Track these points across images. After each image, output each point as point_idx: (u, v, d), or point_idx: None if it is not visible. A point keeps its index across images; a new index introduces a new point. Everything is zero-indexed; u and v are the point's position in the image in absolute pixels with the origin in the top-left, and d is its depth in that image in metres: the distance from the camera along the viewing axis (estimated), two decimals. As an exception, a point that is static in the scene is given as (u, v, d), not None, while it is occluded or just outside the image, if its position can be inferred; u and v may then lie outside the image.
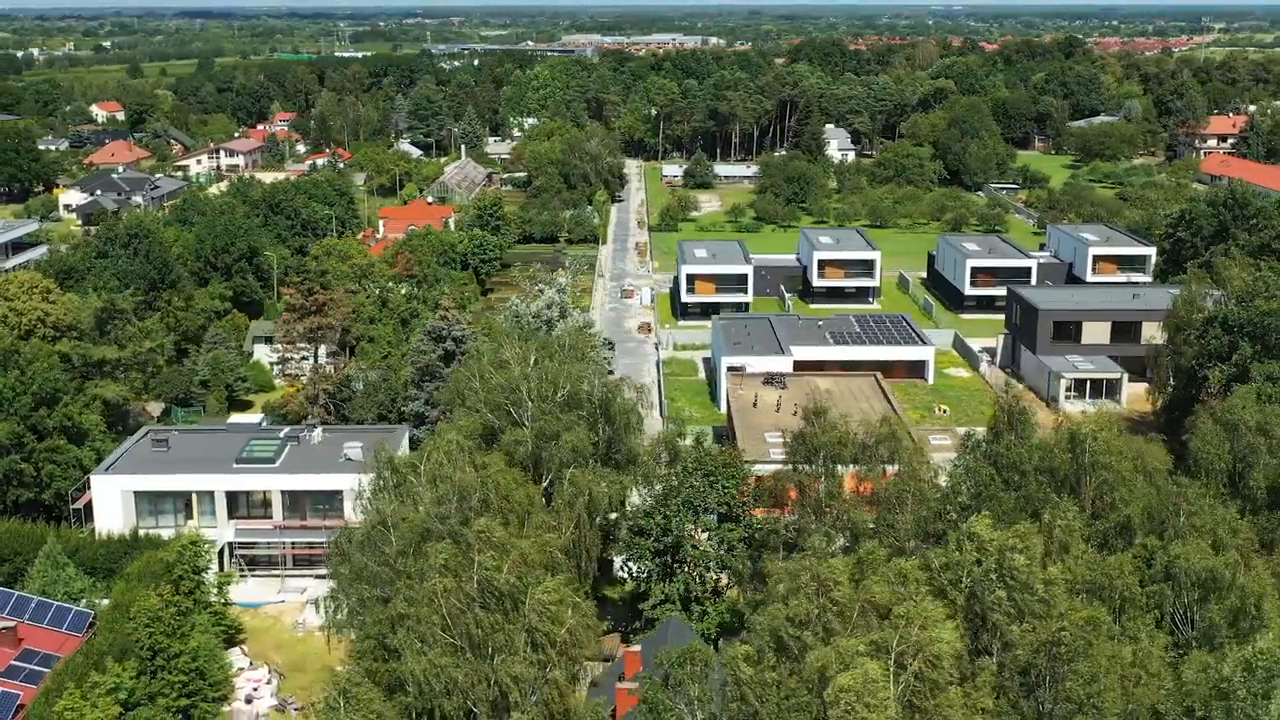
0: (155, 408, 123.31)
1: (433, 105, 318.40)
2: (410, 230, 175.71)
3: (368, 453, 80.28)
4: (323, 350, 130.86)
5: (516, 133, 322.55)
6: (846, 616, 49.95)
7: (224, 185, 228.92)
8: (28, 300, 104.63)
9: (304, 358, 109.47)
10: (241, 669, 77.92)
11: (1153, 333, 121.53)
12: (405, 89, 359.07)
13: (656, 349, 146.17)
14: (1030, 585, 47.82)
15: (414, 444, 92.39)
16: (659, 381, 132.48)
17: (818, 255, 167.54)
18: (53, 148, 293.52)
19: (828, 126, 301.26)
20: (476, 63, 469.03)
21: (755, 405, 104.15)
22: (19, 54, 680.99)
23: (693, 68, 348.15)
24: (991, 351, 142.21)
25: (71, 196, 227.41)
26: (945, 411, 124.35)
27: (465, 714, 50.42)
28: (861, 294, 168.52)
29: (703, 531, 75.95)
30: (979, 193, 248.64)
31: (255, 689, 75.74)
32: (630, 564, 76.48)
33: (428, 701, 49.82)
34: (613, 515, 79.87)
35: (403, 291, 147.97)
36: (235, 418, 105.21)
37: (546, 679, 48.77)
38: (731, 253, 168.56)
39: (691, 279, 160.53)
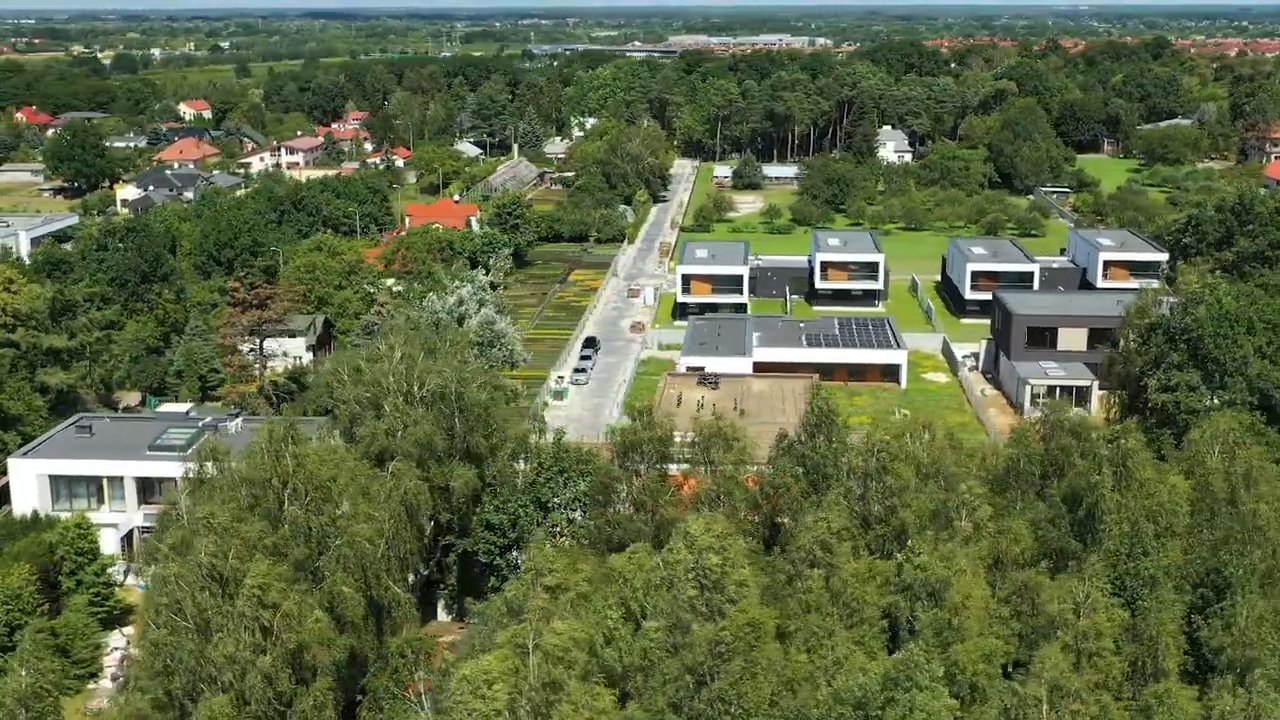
0: (133, 396, 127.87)
1: (495, 105, 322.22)
2: (409, 228, 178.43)
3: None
4: (301, 342, 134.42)
5: (577, 132, 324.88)
6: (559, 605, 50.45)
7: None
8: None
9: (251, 350, 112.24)
10: (116, 649, 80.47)
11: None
12: (477, 88, 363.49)
13: (642, 348, 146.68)
14: (721, 585, 47.75)
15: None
16: (629, 379, 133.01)
17: (820, 257, 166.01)
18: (130, 144, 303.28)
19: (884, 128, 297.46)
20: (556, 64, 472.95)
21: (679, 405, 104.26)
22: (138, 54, 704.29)
23: (767, 69, 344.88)
24: (977, 357, 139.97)
25: (128, 192, 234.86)
26: (905, 415, 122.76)
27: (191, 695, 51.91)
28: (867, 296, 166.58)
29: (554, 528, 76.59)
30: (1030, 196, 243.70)
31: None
32: (481, 558, 77.44)
33: (155, 682, 51.41)
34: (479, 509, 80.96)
35: (395, 289, 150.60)
36: (166, 407, 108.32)
37: (255, 661, 49.90)
38: (732, 253, 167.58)
39: (687, 279, 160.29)
